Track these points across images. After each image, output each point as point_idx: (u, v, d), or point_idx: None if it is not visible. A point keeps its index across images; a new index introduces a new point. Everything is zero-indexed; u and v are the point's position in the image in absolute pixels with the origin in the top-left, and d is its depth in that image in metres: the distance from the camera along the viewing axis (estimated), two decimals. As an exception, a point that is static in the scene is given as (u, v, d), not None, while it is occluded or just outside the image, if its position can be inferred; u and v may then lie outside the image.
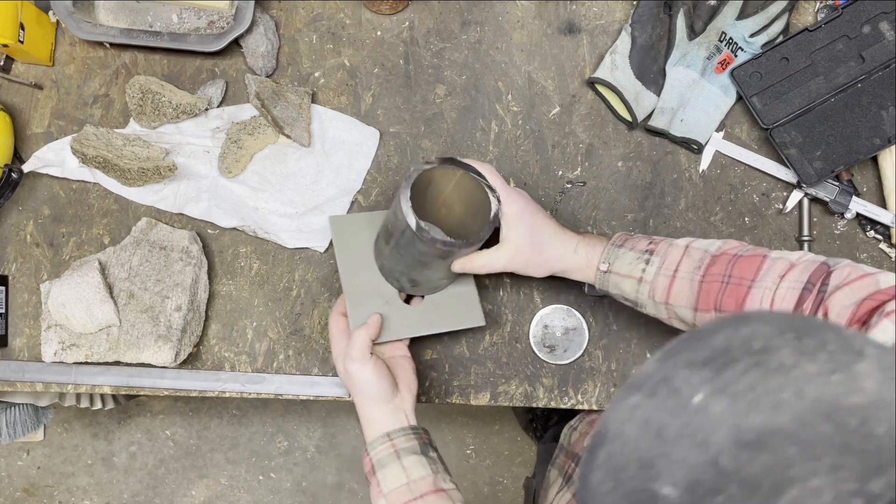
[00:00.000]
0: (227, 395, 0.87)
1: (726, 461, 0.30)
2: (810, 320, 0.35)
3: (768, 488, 0.29)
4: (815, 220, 0.91)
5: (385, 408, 0.73)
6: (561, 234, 0.73)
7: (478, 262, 0.73)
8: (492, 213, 0.72)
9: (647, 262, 0.68)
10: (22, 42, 0.84)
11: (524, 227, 0.71)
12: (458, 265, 0.74)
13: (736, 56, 0.89)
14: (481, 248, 0.74)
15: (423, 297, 0.82)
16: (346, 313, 0.78)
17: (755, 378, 0.31)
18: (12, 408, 1.30)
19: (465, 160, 0.73)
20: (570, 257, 0.72)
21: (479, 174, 0.72)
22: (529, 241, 0.71)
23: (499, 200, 0.72)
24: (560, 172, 0.92)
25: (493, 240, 0.74)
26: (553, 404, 0.89)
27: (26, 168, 0.88)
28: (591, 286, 0.75)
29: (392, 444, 0.72)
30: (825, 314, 0.57)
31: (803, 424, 0.30)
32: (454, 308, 0.82)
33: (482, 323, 0.83)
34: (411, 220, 0.69)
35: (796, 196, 0.90)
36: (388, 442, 0.72)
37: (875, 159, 0.91)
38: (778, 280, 0.61)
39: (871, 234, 0.91)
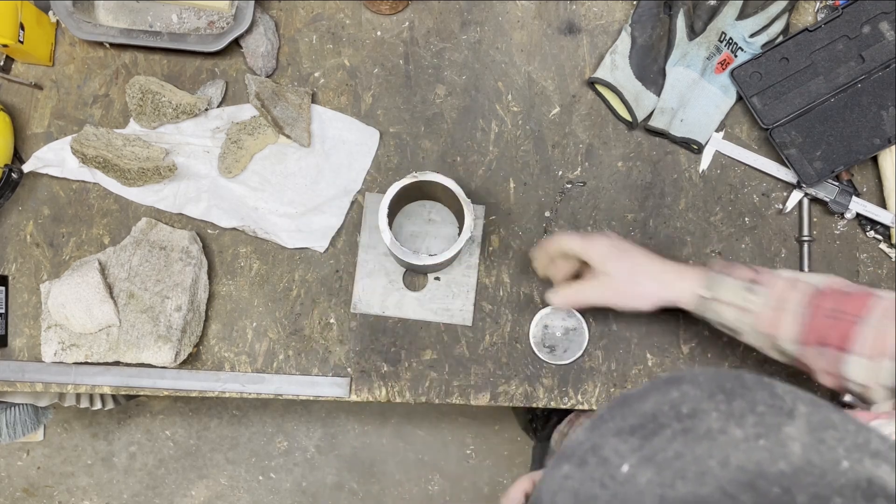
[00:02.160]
0: (227, 395, 0.87)
1: None
2: (742, 379, 0.33)
3: None
4: (815, 220, 0.91)
5: None
6: (661, 264, 0.75)
7: (573, 295, 0.77)
8: (465, 225, 0.77)
9: (752, 291, 0.69)
10: (22, 42, 0.84)
11: (613, 262, 0.74)
12: (555, 298, 0.78)
13: (736, 56, 0.89)
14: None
15: (425, 280, 0.90)
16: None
17: (682, 446, 0.30)
18: (12, 408, 1.30)
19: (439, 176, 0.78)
20: (676, 283, 0.73)
21: (454, 186, 0.77)
22: (625, 274, 0.74)
23: (474, 213, 0.77)
24: (560, 172, 0.92)
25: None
26: (553, 404, 0.89)
27: (26, 168, 0.88)
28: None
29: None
30: None
31: (726, 495, 0.28)
32: (448, 303, 0.88)
33: (468, 323, 0.89)
34: (386, 236, 0.77)
35: (796, 196, 0.90)
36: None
37: (875, 159, 0.91)
38: (883, 319, 0.62)
39: (871, 234, 0.91)
